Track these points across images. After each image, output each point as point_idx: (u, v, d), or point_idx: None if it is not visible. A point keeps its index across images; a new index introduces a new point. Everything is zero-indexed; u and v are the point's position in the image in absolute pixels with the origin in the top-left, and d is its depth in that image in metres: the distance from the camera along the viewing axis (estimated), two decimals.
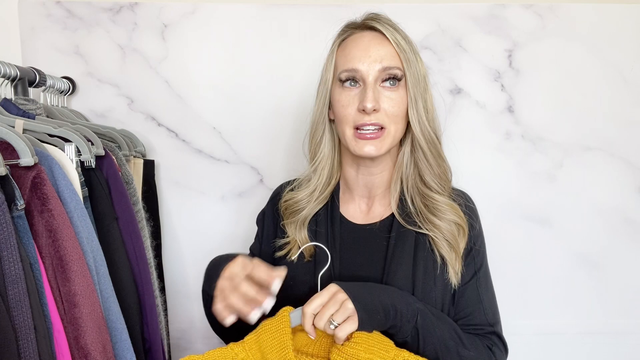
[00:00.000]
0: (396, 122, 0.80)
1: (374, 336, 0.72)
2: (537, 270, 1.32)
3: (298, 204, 0.88)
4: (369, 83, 0.78)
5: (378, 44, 0.80)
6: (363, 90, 0.79)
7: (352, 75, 0.80)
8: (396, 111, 0.80)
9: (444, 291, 0.82)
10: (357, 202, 0.90)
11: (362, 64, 0.78)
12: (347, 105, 0.80)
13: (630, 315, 1.32)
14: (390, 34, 0.80)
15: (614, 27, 1.23)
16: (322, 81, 0.85)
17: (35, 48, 1.23)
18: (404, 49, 0.80)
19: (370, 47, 0.79)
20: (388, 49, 0.79)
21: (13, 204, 0.71)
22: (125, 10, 1.23)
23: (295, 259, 0.85)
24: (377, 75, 0.78)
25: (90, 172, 0.96)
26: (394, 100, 0.79)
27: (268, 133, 1.28)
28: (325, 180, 0.88)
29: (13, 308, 0.67)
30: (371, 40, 0.80)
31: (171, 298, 1.33)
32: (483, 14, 1.23)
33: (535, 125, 1.27)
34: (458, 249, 0.82)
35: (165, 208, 1.31)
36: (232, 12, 1.24)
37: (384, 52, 0.79)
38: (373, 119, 0.78)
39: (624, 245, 1.30)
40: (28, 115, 0.96)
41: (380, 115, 0.79)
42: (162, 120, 1.28)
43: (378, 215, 0.88)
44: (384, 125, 0.79)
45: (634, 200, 1.29)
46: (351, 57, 0.80)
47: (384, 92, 0.79)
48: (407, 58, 0.80)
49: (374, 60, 0.78)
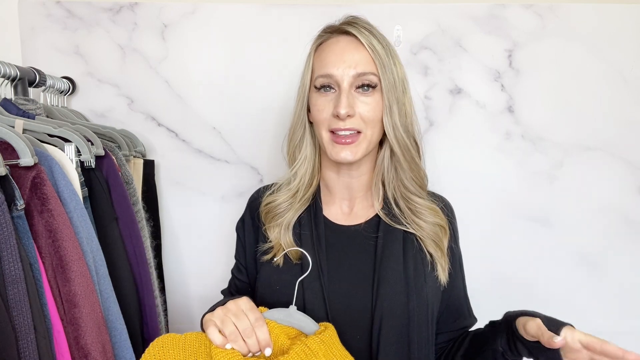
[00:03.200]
0: (372, 126, 0.80)
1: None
2: (537, 270, 1.32)
3: (280, 206, 0.87)
4: (344, 89, 0.78)
5: (353, 49, 0.79)
6: (338, 95, 0.79)
7: (327, 82, 0.80)
8: (372, 116, 0.80)
9: (434, 288, 0.84)
10: (339, 203, 0.90)
11: (337, 69, 0.78)
12: (323, 110, 0.80)
13: (630, 315, 1.32)
14: (365, 38, 0.79)
15: (614, 27, 1.23)
16: (301, 84, 0.85)
17: (35, 48, 1.23)
18: (379, 54, 0.79)
19: (345, 52, 0.79)
20: (363, 54, 0.79)
21: (13, 204, 0.71)
22: (125, 10, 1.23)
23: (281, 263, 0.84)
24: (351, 80, 0.78)
25: (90, 172, 0.96)
26: (369, 105, 0.79)
27: (268, 133, 1.28)
28: (307, 182, 0.88)
29: (13, 308, 0.67)
30: (346, 45, 0.80)
31: (171, 298, 1.33)
32: (483, 14, 1.23)
33: (535, 125, 1.27)
34: (443, 247, 0.85)
35: (165, 208, 1.31)
36: (232, 12, 1.24)
37: (358, 58, 0.79)
38: (348, 124, 0.78)
39: (624, 245, 1.30)
40: (28, 115, 0.96)
41: (356, 120, 0.79)
42: (162, 120, 1.28)
43: (361, 216, 0.88)
44: (360, 129, 0.79)
45: (634, 200, 1.29)
46: (326, 63, 0.80)
47: (359, 97, 0.79)
48: (382, 63, 0.79)
49: (348, 65, 0.78)
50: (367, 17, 0.86)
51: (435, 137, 1.27)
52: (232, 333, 0.68)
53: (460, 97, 1.26)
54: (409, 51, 1.24)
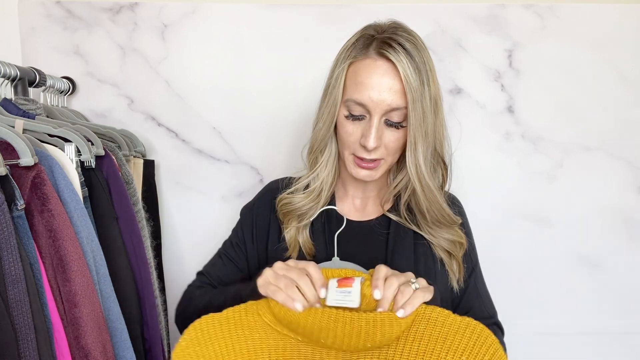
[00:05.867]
0: (394, 153, 0.81)
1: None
2: (537, 270, 1.32)
3: (301, 209, 0.87)
4: (374, 122, 0.76)
5: (390, 80, 0.75)
6: (368, 127, 0.77)
7: (359, 110, 0.78)
8: (396, 147, 0.79)
9: (443, 288, 0.84)
10: (351, 199, 0.91)
11: (371, 100, 0.76)
12: (351, 134, 0.79)
13: (630, 315, 1.32)
14: (402, 67, 0.74)
15: (614, 27, 1.23)
16: (329, 97, 0.81)
17: (35, 48, 1.23)
18: (412, 87, 0.74)
19: (382, 82, 0.75)
20: (398, 87, 0.75)
21: (13, 204, 0.71)
22: (125, 10, 1.23)
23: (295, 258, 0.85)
24: (382, 114, 0.77)
25: (90, 172, 0.96)
26: (395, 136, 0.78)
27: (268, 133, 1.28)
28: (328, 187, 0.88)
29: (13, 308, 0.67)
30: (384, 74, 0.75)
31: (171, 298, 1.33)
32: (483, 14, 1.23)
33: (535, 125, 1.27)
34: (458, 257, 0.85)
35: (165, 208, 1.31)
36: (232, 12, 1.24)
37: (393, 91, 0.75)
38: (373, 154, 0.79)
39: (624, 245, 1.30)
40: (28, 115, 0.96)
41: (380, 150, 0.79)
42: (162, 120, 1.28)
43: (373, 213, 0.90)
44: (382, 157, 0.80)
45: (634, 200, 1.29)
46: (362, 88, 0.76)
47: (387, 130, 0.78)
48: (413, 97, 0.75)
49: (383, 99, 0.75)
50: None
51: None
52: (287, 286, 0.66)
53: (460, 97, 1.26)
54: None
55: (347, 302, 0.65)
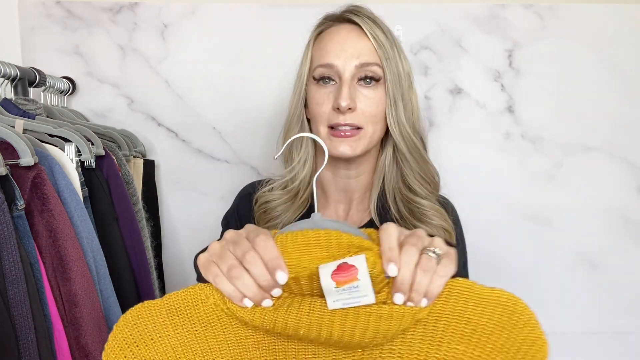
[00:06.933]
0: (374, 122, 0.75)
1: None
2: (537, 270, 1.32)
3: (277, 209, 0.81)
4: (345, 80, 0.73)
5: (355, 38, 0.74)
6: (338, 87, 0.73)
7: (327, 72, 0.74)
8: (374, 111, 0.74)
9: None
10: (334, 206, 0.84)
11: (338, 59, 0.73)
12: (322, 103, 0.75)
13: (630, 315, 1.32)
14: (368, 27, 0.74)
15: (614, 27, 1.23)
16: (298, 76, 0.80)
17: (35, 48, 1.23)
18: (383, 45, 0.74)
19: (347, 41, 0.74)
20: (366, 43, 0.74)
21: (13, 204, 0.71)
22: (125, 10, 1.23)
23: None
24: (353, 71, 0.73)
25: (90, 172, 0.96)
26: (372, 99, 0.74)
27: (268, 133, 1.28)
28: (305, 184, 0.81)
29: (13, 308, 0.67)
30: (348, 34, 0.75)
31: None
32: (483, 14, 1.23)
33: (535, 125, 1.27)
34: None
35: (165, 208, 1.31)
36: (232, 12, 1.24)
37: (361, 47, 0.73)
38: (348, 118, 0.73)
39: (624, 245, 1.30)
40: (28, 115, 0.96)
41: (357, 115, 0.73)
42: (162, 120, 1.28)
43: (357, 221, 0.83)
44: (361, 125, 0.74)
45: (634, 200, 1.29)
46: (327, 52, 0.74)
47: (361, 90, 0.74)
48: (386, 55, 0.73)
49: (350, 55, 0.73)
50: None
51: (435, 137, 1.27)
52: (232, 268, 0.48)
53: (460, 97, 1.26)
54: (409, 51, 1.24)
55: (358, 300, 0.47)
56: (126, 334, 0.48)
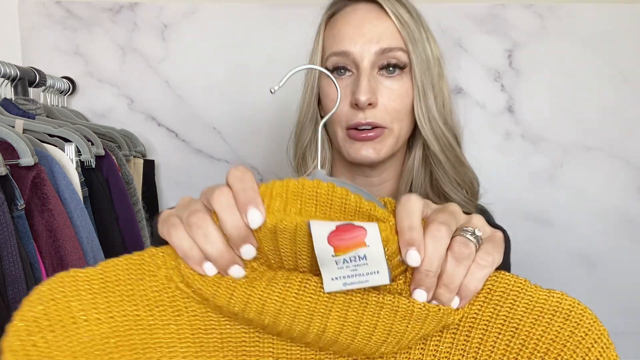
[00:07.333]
0: (399, 119, 0.63)
1: None
2: (537, 270, 1.32)
3: None
4: (363, 69, 0.61)
5: (374, 19, 0.62)
6: (356, 78, 0.61)
7: (342, 61, 0.62)
8: (398, 105, 0.62)
9: None
10: None
11: (354, 44, 0.61)
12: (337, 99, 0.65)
13: (630, 315, 1.32)
14: (389, 5, 0.62)
15: (614, 27, 1.23)
16: (309, 69, 0.68)
17: (35, 48, 1.23)
18: (408, 25, 0.62)
19: (365, 23, 0.62)
20: (387, 24, 0.62)
21: (13, 204, 0.71)
22: (125, 10, 1.23)
23: None
24: (373, 59, 0.61)
25: (90, 172, 0.96)
26: (396, 91, 0.62)
27: (268, 133, 1.28)
28: None
29: (13, 308, 0.67)
30: (366, 14, 0.62)
31: None
32: (483, 14, 1.23)
33: (535, 125, 1.27)
34: None
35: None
36: (232, 12, 1.24)
37: (382, 29, 0.61)
38: (369, 116, 0.61)
39: (624, 245, 1.30)
40: (28, 115, 0.96)
41: (378, 111, 0.61)
42: (162, 120, 1.28)
43: None
44: (384, 124, 0.62)
45: (634, 200, 1.29)
46: (341, 37, 0.63)
47: (383, 82, 0.62)
48: (412, 37, 0.62)
49: (369, 39, 0.61)
50: None
51: None
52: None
53: (460, 97, 1.26)
54: None
55: (366, 279, 0.33)
56: (39, 313, 0.35)
